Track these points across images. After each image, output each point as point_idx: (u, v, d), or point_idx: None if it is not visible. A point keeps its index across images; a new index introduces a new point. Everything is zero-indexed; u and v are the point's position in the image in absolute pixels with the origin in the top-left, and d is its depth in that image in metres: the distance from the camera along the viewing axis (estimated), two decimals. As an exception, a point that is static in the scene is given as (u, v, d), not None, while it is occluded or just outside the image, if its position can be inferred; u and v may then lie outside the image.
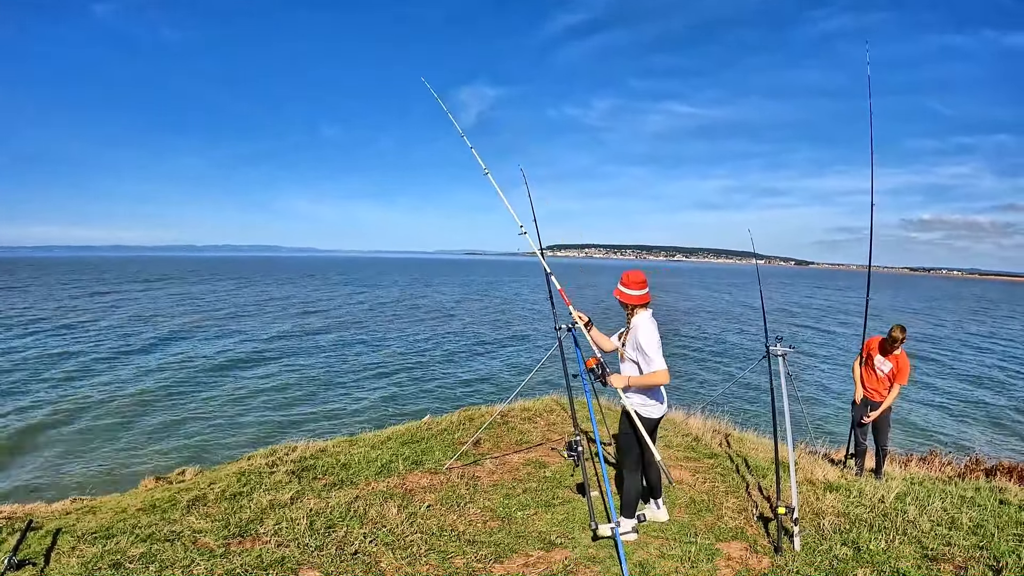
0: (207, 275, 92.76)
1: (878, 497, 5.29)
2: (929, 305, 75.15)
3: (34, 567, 4.09)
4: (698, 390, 20.81)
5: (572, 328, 5.26)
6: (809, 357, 28.48)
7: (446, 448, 6.85)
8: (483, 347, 28.72)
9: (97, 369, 21.82)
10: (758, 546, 4.48)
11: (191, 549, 4.32)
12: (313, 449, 6.77)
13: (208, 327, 33.25)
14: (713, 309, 54.39)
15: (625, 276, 4.56)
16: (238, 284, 73.09)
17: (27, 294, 51.87)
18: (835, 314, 53.34)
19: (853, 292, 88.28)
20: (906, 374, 6.88)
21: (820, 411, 18.59)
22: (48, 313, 37.26)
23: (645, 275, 4.59)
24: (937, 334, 42.04)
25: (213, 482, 5.75)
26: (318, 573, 4.06)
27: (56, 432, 14.95)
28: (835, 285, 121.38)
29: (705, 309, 54.36)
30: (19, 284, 63.21)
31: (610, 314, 46.61)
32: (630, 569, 4.04)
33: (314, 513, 4.96)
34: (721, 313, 50.68)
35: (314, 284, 75.89)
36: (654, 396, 4.52)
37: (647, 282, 4.58)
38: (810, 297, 78.75)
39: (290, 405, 18.13)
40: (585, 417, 7.16)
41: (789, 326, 41.42)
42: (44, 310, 39.11)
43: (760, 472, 5.97)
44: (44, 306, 41.89)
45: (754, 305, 57.21)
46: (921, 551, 4.34)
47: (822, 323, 45.12)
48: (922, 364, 27.63)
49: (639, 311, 4.55)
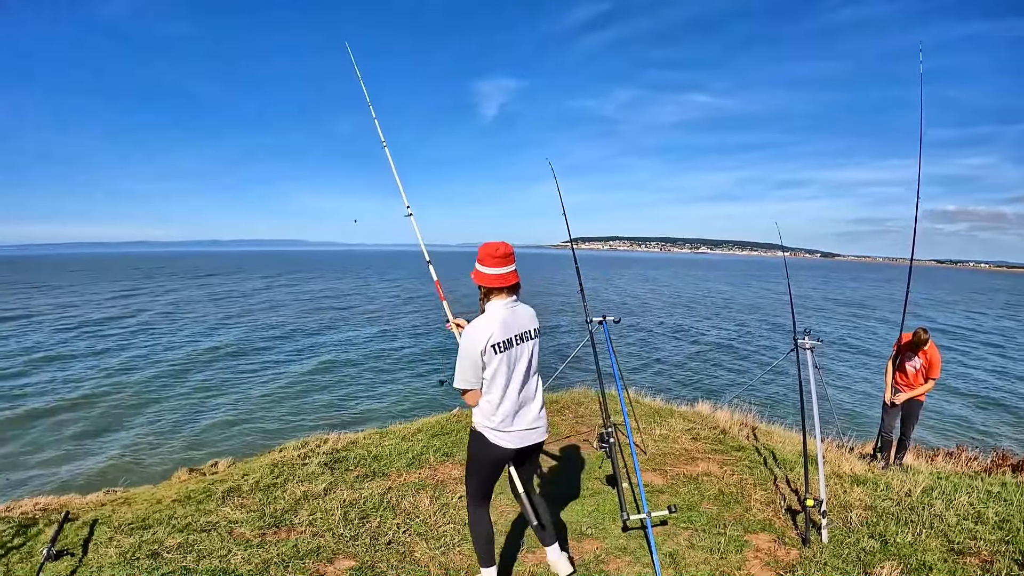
0: (234, 270, 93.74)
1: (905, 491, 5.36)
2: (960, 298, 74.34)
3: (72, 557, 4.25)
4: (725, 383, 20.83)
5: (603, 321, 5.36)
6: (838, 350, 28.31)
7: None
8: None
9: (127, 364, 22.31)
10: (786, 538, 4.56)
11: (227, 539, 4.49)
12: (344, 441, 6.95)
13: (240, 321, 33.85)
14: (740, 302, 54.12)
15: (481, 249, 3.42)
16: (266, 279, 73.81)
17: (59, 291, 52.77)
18: (865, 307, 52.94)
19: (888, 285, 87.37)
20: (938, 367, 7.01)
21: (848, 404, 18.56)
22: (78, 310, 38.01)
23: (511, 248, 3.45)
24: (967, 327, 41.71)
25: (246, 474, 5.93)
26: (353, 562, 4.22)
27: (89, 424, 15.35)
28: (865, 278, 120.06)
29: (733, 301, 54.12)
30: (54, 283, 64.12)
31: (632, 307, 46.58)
32: (660, 559, 4.16)
33: (347, 504, 5.13)
34: (748, 305, 50.44)
35: (346, 278, 76.08)
36: (500, 418, 3.43)
37: (512, 257, 3.44)
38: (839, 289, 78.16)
39: (320, 397, 18.40)
40: (615, 410, 7.29)
41: (817, 319, 41.18)
42: (73, 307, 39.85)
43: (788, 465, 6.06)
44: (72, 302, 42.74)
45: (782, 297, 56.93)
46: (947, 545, 4.41)
47: (851, 316, 44.77)
48: (950, 357, 27.47)
49: (494, 297, 3.44)
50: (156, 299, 45.86)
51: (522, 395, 3.43)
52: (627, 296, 57.60)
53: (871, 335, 34.52)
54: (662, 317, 39.70)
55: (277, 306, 42.31)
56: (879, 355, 26.96)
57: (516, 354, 3.36)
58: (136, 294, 50.16)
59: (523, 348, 3.40)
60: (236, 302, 45.03)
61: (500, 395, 3.36)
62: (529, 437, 3.50)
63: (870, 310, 50.39)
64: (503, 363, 3.30)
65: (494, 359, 3.28)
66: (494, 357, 3.27)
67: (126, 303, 42.59)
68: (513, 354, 3.34)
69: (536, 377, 3.56)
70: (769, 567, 4.17)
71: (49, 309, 37.92)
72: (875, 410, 15.38)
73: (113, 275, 78.82)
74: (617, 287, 67.51)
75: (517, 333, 3.37)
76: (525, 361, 3.42)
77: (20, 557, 4.37)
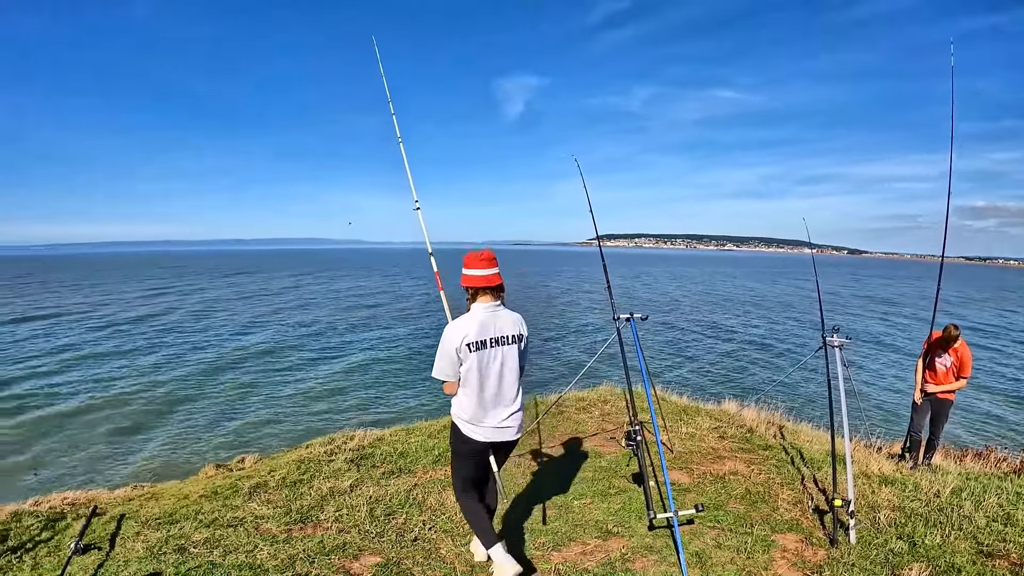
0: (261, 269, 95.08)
1: (933, 492, 5.31)
2: (990, 295, 73.10)
3: (99, 551, 4.34)
4: (753, 381, 20.70)
5: (631, 319, 5.36)
6: (867, 348, 27.97)
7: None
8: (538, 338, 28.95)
9: (157, 362, 22.83)
10: (813, 538, 4.55)
11: (254, 534, 4.58)
12: (371, 438, 7.04)
13: (269, 320, 34.46)
14: (767, 299, 53.72)
15: (467, 256, 3.72)
16: (294, 277, 74.92)
17: (90, 290, 54.01)
18: (895, 304, 52.28)
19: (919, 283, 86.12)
20: (969, 365, 6.95)
21: (877, 404, 18.36)
22: (109, 308, 38.97)
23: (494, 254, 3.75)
24: (998, 324, 41.04)
25: (273, 470, 6.03)
26: (379, 559, 4.27)
27: (118, 422, 15.70)
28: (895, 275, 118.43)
29: (760, 299, 53.74)
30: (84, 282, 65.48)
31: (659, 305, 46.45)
32: (687, 559, 4.17)
33: (373, 500, 5.20)
34: (776, 303, 50.04)
35: (373, 276, 76.60)
36: (470, 412, 3.73)
37: (495, 261, 3.73)
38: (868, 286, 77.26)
39: (348, 395, 18.63)
40: (642, 408, 7.29)
41: (846, 316, 40.73)
42: (104, 305, 40.83)
43: (815, 464, 6.03)
44: (103, 301, 43.80)
45: (810, 295, 56.42)
46: (976, 547, 4.37)
47: (881, 313, 44.24)
48: (982, 355, 27.06)
49: (479, 299, 3.72)
50: (185, 298, 46.85)
51: (496, 395, 3.69)
52: (654, 293, 57.44)
53: (901, 333, 34.08)
54: (689, 314, 39.52)
55: (306, 304, 42.96)
56: (909, 353, 26.59)
57: (490, 355, 3.63)
58: (165, 293, 51.28)
59: (498, 351, 3.66)
60: (265, 301, 45.83)
61: (472, 391, 3.66)
62: (499, 435, 3.76)
63: (900, 307, 49.74)
64: (476, 361, 3.60)
65: (468, 357, 3.58)
66: (468, 355, 3.58)
67: (156, 302, 43.65)
68: (487, 355, 3.62)
69: (515, 379, 3.78)
70: (796, 568, 4.16)
71: (81, 308, 38.94)
72: (904, 409, 15.22)
73: (141, 274, 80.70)
74: (643, 285, 67.39)
75: (494, 336, 3.64)
76: (499, 363, 3.67)
77: (48, 551, 4.47)
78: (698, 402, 8.93)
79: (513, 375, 3.76)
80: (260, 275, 79.13)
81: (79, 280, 68.40)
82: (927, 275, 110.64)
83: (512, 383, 3.76)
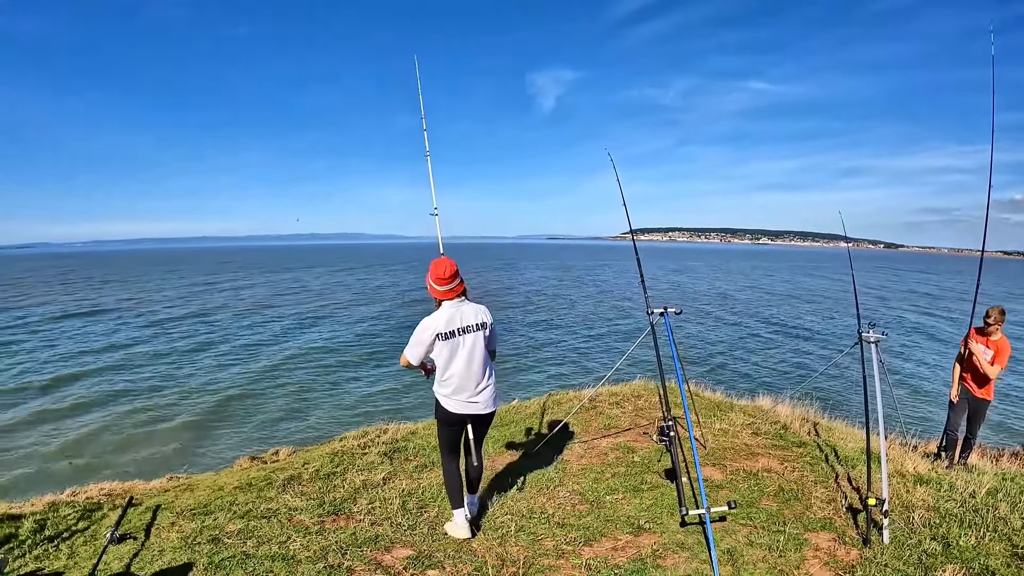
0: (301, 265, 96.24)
1: (969, 492, 5.27)
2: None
3: (135, 541, 4.51)
4: (788, 377, 20.54)
5: (664, 313, 5.40)
6: (904, 344, 27.52)
7: (534, 431, 7.16)
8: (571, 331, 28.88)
9: (195, 356, 23.40)
10: (846, 537, 4.54)
11: (287, 526, 4.74)
12: (404, 431, 7.19)
13: (307, 314, 35.07)
14: (803, 293, 53.08)
15: (432, 270, 4.40)
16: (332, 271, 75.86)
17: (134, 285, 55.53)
18: (934, 299, 51.34)
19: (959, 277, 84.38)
20: (1005, 357, 6.81)
21: (913, 401, 18.11)
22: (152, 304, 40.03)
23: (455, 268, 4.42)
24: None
25: (307, 462, 6.18)
26: (411, 551, 4.39)
27: (155, 413, 16.11)
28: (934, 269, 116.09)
29: (796, 293, 53.12)
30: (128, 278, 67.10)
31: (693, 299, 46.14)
32: (718, 556, 4.21)
33: (406, 493, 5.34)
34: (812, 297, 49.43)
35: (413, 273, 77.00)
36: (447, 389, 4.43)
37: (456, 276, 4.41)
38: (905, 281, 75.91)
39: (382, 388, 18.82)
40: (675, 403, 7.31)
41: (883, 311, 40.11)
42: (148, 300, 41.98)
43: (850, 463, 6.00)
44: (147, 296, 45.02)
45: (846, 289, 55.66)
46: (1011, 549, 4.34)
47: (920, 308, 43.44)
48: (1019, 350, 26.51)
49: (444, 301, 4.42)
50: (224, 293, 47.69)
51: (466, 373, 4.40)
52: (688, 288, 56.99)
53: (939, 328, 33.42)
54: (723, 309, 39.19)
55: (342, 299, 43.29)
56: (947, 349, 26.14)
57: (457, 342, 4.36)
58: (205, 289, 52.17)
59: (465, 338, 4.39)
60: (303, 295, 46.41)
61: (445, 371, 4.40)
62: (470, 408, 4.46)
63: (939, 301, 48.85)
64: (446, 348, 4.34)
65: (438, 345, 4.32)
66: (439, 343, 4.32)
67: (196, 297, 44.55)
68: (455, 342, 4.35)
69: (482, 360, 4.48)
70: (828, 567, 4.18)
71: (124, 303, 39.82)
72: (941, 407, 15.03)
73: (182, 270, 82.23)
74: (677, 278, 66.99)
75: (460, 326, 4.37)
76: (467, 347, 4.39)
77: (84, 540, 4.67)
78: (732, 397, 8.92)
79: (480, 356, 4.45)
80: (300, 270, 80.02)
81: (124, 276, 70.40)
82: (967, 269, 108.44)
83: (479, 363, 4.45)
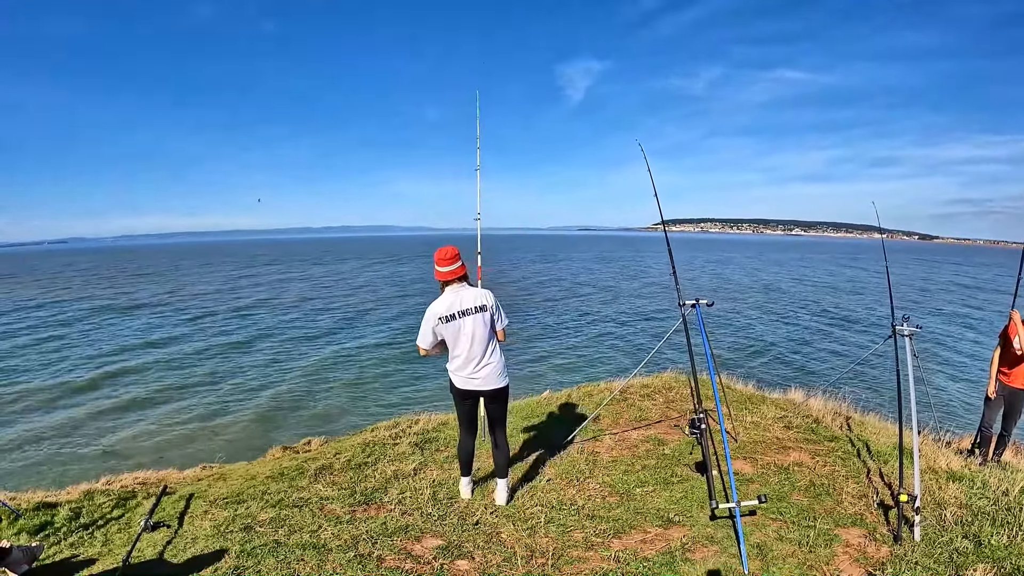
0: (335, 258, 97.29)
1: (1002, 490, 5.20)
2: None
3: (168, 529, 4.68)
4: (820, 370, 20.33)
5: (696, 305, 5.42)
6: (940, 338, 27.01)
7: (565, 423, 7.19)
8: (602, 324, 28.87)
9: (229, 349, 23.75)
10: (877, 534, 4.54)
11: (318, 515, 4.87)
12: (435, 422, 7.32)
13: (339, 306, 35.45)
14: (837, 285, 52.36)
15: (436, 254, 4.81)
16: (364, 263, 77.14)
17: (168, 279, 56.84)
18: (970, 292, 50.35)
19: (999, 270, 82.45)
20: None
21: (947, 396, 17.84)
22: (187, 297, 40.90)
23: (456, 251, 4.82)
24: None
25: (338, 452, 6.32)
26: (441, 541, 4.49)
27: (190, 405, 16.40)
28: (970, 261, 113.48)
29: (829, 285, 52.43)
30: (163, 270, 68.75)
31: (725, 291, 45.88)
32: (747, 550, 4.25)
33: (436, 484, 5.45)
34: (846, 289, 48.74)
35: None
36: (454, 366, 4.87)
37: (457, 258, 4.79)
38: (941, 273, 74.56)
39: (413, 379, 18.97)
40: (706, 396, 7.31)
41: (919, 304, 39.45)
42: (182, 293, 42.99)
43: (882, 458, 5.98)
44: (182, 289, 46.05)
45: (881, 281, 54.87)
46: (1044, 549, 4.30)
47: (956, 301, 42.63)
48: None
49: (446, 286, 4.80)
50: (259, 287, 48.38)
51: (469, 352, 4.74)
52: (720, 279, 56.57)
53: (977, 322, 32.81)
54: (756, 301, 38.76)
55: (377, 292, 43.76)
56: (985, 343, 25.70)
57: (459, 324, 4.71)
58: (240, 282, 53.02)
59: (465, 320, 4.71)
60: (337, 288, 46.93)
61: (451, 350, 4.82)
62: (472, 383, 4.82)
63: (976, 294, 47.94)
64: (448, 329, 4.73)
65: (442, 327, 4.72)
66: (442, 325, 4.72)
67: (231, 290, 45.32)
68: (456, 324, 4.71)
69: (484, 339, 4.77)
70: (858, 563, 4.20)
71: (159, 297, 40.66)
72: (976, 402, 14.83)
73: (216, 263, 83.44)
74: (710, 270, 66.30)
75: (460, 309, 4.70)
76: (469, 328, 4.72)
77: (119, 528, 4.87)
78: (763, 391, 8.90)
79: (481, 336, 4.75)
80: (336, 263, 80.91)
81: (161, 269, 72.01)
82: (1005, 262, 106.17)
83: (481, 342, 4.75)
